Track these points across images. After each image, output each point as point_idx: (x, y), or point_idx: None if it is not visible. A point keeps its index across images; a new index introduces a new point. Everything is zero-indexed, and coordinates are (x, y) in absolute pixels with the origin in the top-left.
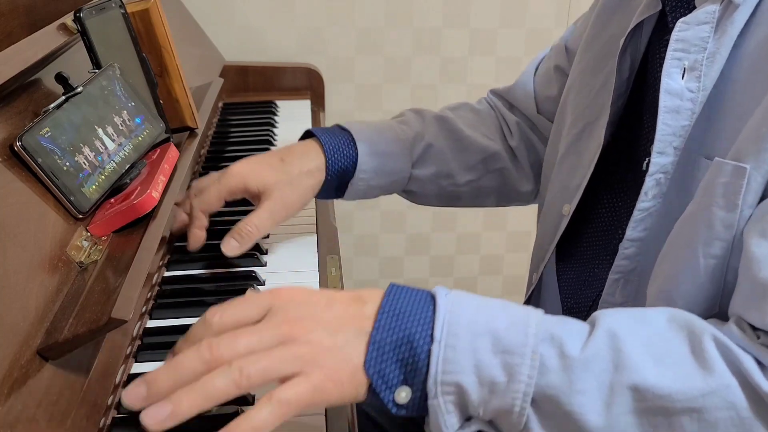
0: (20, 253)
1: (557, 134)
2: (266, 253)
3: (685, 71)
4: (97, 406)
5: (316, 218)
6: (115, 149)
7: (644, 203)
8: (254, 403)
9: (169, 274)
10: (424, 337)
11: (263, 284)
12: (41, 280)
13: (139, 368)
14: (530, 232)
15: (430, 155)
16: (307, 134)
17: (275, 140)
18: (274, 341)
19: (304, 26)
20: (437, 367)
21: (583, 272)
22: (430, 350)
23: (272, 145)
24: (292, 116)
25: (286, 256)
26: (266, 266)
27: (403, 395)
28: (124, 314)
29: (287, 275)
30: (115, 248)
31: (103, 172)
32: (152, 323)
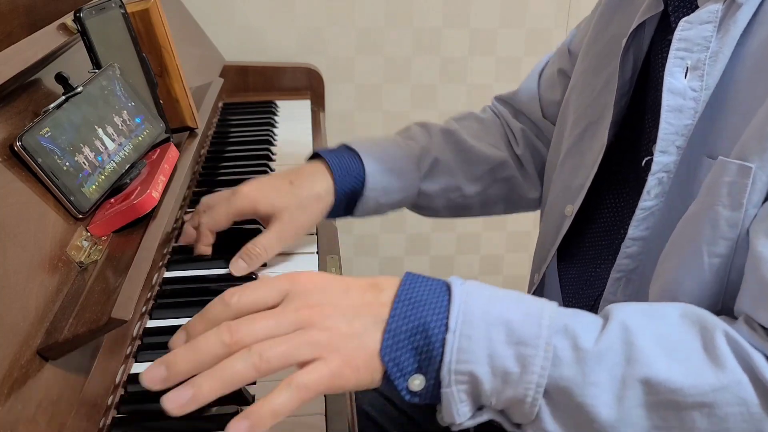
0: (20, 253)
1: (559, 135)
2: None
3: (687, 70)
4: (97, 406)
5: None
6: (115, 149)
7: (647, 202)
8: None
9: (169, 274)
10: (439, 326)
11: None
12: (41, 280)
13: (139, 368)
14: (530, 232)
15: (437, 169)
16: (314, 155)
17: (275, 140)
18: (292, 326)
19: (304, 26)
20: (451, 356)
21: (584, 272)
22: (444, 339)
23: (272, 144)
24: (292, 116)
25: (286, 256)
26: (266, 266)
27: (416, 383)
28: (124, 314)
29: None
30: (115, 248)
31: (103, 172)
32: (152, 323)
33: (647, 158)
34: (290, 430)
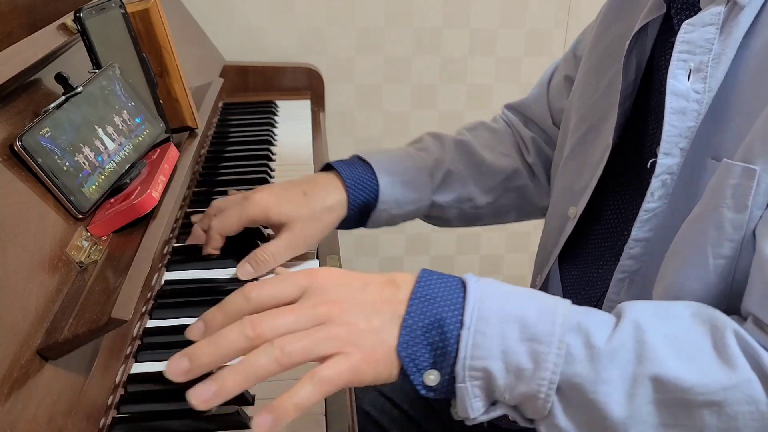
0: (20, 253)
1: (563, 137)
2: None
3: (690, 73)
4: (97, 406)
5: None
6: (115, 149)
7: (650, 204)
8: (254, 403)
9: (169, 274)
10: (454, 322)
11: None
12: (41, 280)
13: (139, 368)
14: (530, 232)
15: (450, 181)
16: (327, 166)
17: (275, 140)
18: (311, 322)
19: (304, 26)
20: (466, 352)
21: (587, 272)
22: (459, 335)
23: (272, 144)
24: (292, 116)
25: None
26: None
27: (432, 378)
28: (124, 314)
29: None
30: (115, 248)
31: (103, 172)
32: (152, 323)
33: (651, 160)
34: (290, 429)
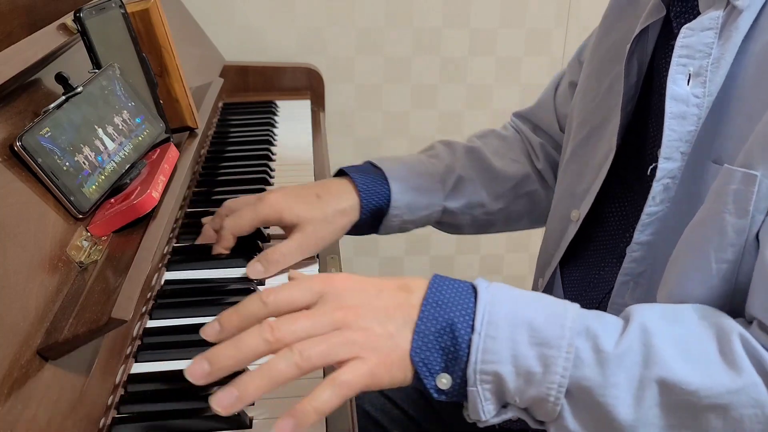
0: (20, 253)
1: (567, 140)
2: None
3: (690, 77)
4: (97, 406)
5: None
6: (115, 149)
7: (652, 208)
8: (253, 403)
9: (169, 274)
10: (465, 327)
11: (263, 284)
12: (41, 280)
13: (139, 368)
14: (530, 232)
15: (461, 187)
16: (339, 171)
17: (275, 140)
18: (328, 327)
19: (304, 26)
20: (477, 356)
21: (588, 274)
22: (470, 340)
23: (272, 144)
24: (292, 116)
25: None
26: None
27: (444, 381)
28: (124, 314)
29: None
30: (115, 248)
31: (103, 172)
32: (152, 323)
33: (652, 165)
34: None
